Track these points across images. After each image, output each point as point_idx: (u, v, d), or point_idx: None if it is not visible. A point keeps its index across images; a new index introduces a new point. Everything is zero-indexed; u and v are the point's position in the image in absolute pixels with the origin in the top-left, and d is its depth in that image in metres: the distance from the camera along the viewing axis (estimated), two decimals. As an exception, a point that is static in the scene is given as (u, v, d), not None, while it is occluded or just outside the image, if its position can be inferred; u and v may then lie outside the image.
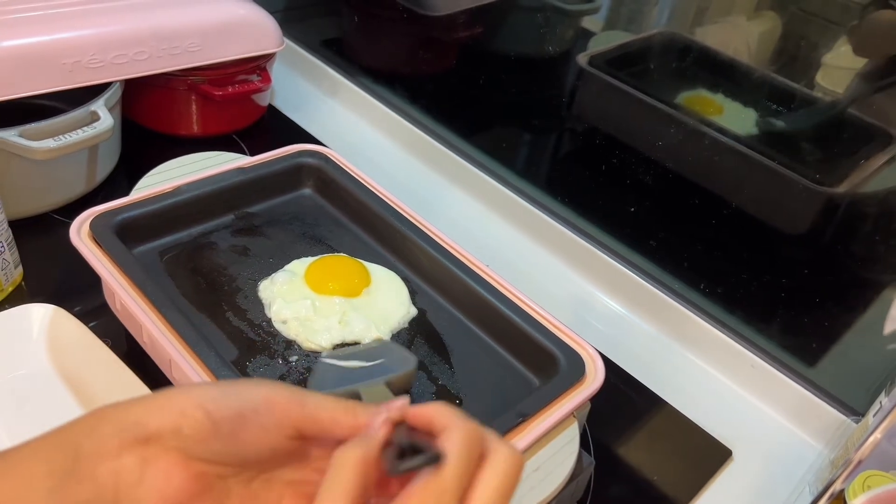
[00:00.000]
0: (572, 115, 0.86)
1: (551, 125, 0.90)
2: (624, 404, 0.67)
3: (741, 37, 0.70)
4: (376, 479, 0.29)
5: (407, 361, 0.46)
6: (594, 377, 0.53)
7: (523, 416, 0.49)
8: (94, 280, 0.57)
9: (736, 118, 0.71)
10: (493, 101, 0.92)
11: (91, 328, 0.57)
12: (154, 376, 0.54)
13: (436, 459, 0.28)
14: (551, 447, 0.50)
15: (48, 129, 0.66)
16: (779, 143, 0.69)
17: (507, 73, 0.89)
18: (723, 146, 0.71)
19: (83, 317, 0.58)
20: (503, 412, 0.49)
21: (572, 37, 0.86)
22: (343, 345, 0.55)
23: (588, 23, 0.84)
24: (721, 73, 0.73)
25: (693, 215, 0.74)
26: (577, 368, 0.53)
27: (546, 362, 0.54)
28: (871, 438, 0.44)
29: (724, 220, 0.72)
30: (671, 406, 0.67)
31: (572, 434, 0.51)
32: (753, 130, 0.70)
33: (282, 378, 0.53)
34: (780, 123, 0.70)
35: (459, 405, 0.53)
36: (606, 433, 0.63)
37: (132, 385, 0.54)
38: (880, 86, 0.62)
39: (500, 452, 0.29)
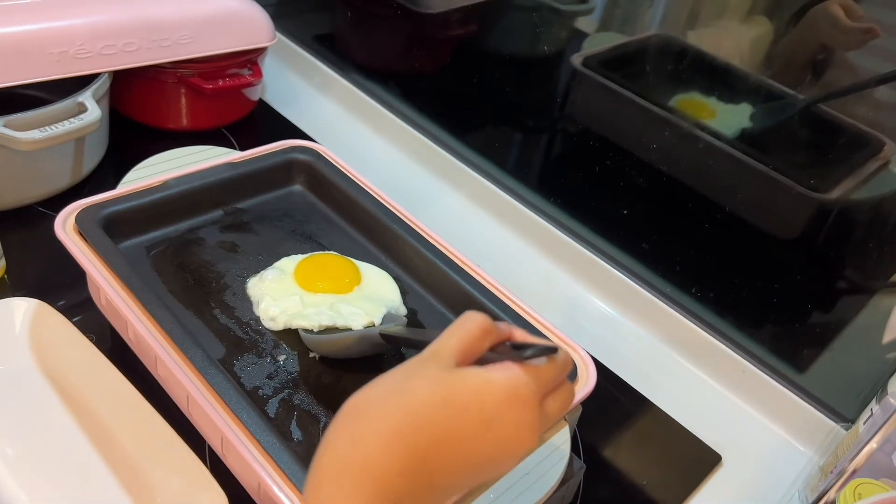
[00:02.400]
0: (565, 115, 0.86)
1: (544, 125, 0.89)
2: (614, 407, 0.66)
3: (733, 40, 0.70)
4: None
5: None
6: (586, 381, 0.52)
7: (514, 420, 0.48)
8: (78, 274, 0.56)
9: (729, 122, 0.71)
10: (486, 100, 0.91)
11: (75, 323, 0.56)
12: (139, 373, 0.53)
13: (549, 352, 0.35)
14: (542, 451, 0.49)
15: (34, 119, 0.65)
16: (772, 147, 0.69)
17: (501, 72, 0.89)
18: (716, 150, 0.70)
19: (67, 311, 0.57)
20: (494, 415, 0.49)
21: (566, 37, 0.86)
22: (334, 329, 0.54)
23: (582, 24, 0.84)
24: (715, 77, 0.73)
25: (686, 219, 0.74)
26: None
27: (538, 365, 0.54)
28: (867, 448, 0.44)
29: (717, 224, 0.71)
30: (661, 410, 0.66)
31: (563, 438, 0.50)
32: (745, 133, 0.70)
33: (269, 378, 0.52)
34: (747, 121, 0.70)
35: (450, 407, 0.52)
36: (596, 436, 0.63)
37: (116, 382, 0.53)
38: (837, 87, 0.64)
39: (570, 385, 0.37)
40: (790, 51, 0.66)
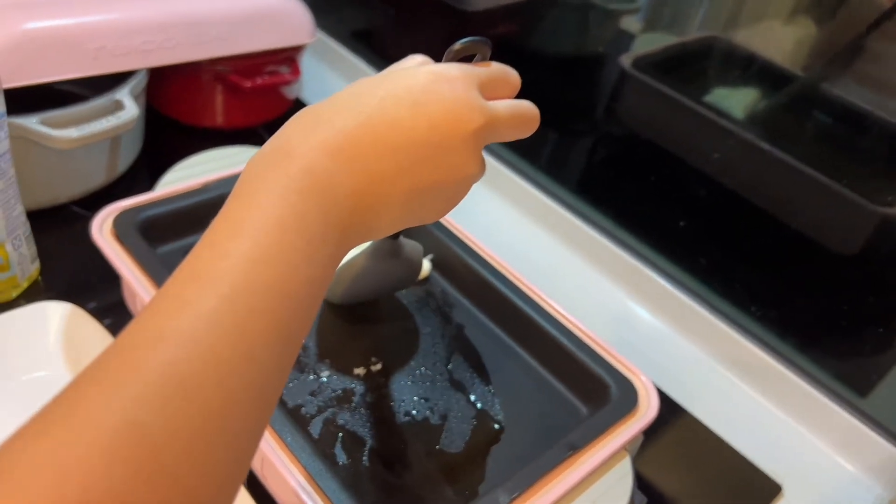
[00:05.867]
0: (613, 118, 0.83)
1: (592, 129, 0.86)
2: (668, 433, 0.63)
3: (783, 42, 0.67)
4: None
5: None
6: (647, 408, 0.49)
7: (574, 449, 0.45)
8: (110, 275, 0.54)
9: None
10: (530, 101, 0.88)
11: (106, 326, 0.54)
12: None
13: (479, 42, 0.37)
14: (603, 483, 0.46)
15: (70, 117, 0.63)
16: (834, 159, 0.65)
17: (545, 71, 0.86)
18: (777, 161, 0.67)
19: (98, 314, 0.55)
20: (550, 443, 0.45)
21: (611, 37, 0.83)
22: None
23: (626, 23, 0.81)
24: (772, 83, 0.69)
25: (744, 233, 0.70)
26: (629, 398, 0.49)
27: (595, 389, 0.51)
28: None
29: (778, 239, 0.68)
30: (718, 436, 0.63)
31: (625, 469, 0.47)
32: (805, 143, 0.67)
33: (312, 395, 0.49)
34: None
35: (501, 433, 0.49)
36: (651, 465, 0.59)
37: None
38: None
39: (528, 105, 0.38)
40: (837, 44, 0.63)
